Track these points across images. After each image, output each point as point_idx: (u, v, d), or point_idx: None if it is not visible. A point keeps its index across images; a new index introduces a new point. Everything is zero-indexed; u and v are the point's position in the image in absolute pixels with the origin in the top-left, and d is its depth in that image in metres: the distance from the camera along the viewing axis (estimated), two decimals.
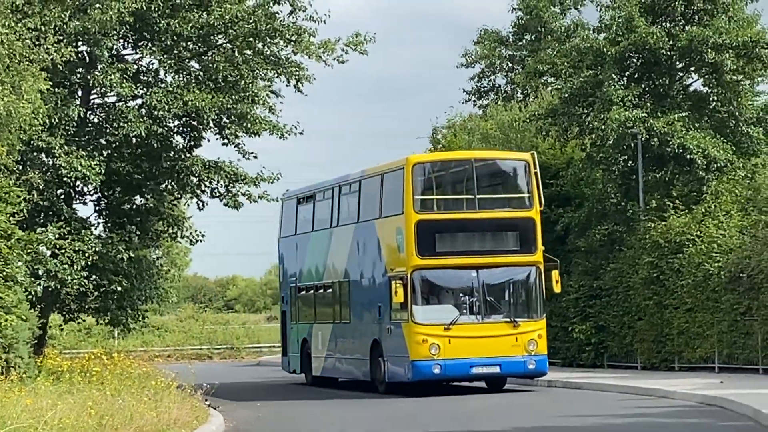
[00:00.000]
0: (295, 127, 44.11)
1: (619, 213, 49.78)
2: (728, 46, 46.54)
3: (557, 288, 37.32)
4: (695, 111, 47.96)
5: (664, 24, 47.34)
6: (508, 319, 36.50)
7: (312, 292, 44.71)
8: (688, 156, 46.26)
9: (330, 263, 42.75)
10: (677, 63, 48.12)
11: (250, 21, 41.20)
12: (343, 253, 41.54)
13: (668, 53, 46.91)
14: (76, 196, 42.47)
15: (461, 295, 36.81)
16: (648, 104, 47.08)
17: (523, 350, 36.01)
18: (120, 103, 41.72)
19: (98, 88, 41.34)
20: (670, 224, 44.41)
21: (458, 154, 47.39)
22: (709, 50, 46.46)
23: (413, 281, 35.40)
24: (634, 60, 48.41)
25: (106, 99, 42.35)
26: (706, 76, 48.45)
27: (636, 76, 49.31)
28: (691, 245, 43.29)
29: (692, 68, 48.65)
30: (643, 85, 48.26)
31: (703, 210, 44.68)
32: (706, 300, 42.69)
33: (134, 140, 41.06)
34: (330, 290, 42.79)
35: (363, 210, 39.90)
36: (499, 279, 37.70)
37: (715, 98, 48.31)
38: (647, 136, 45.61)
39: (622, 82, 48.57)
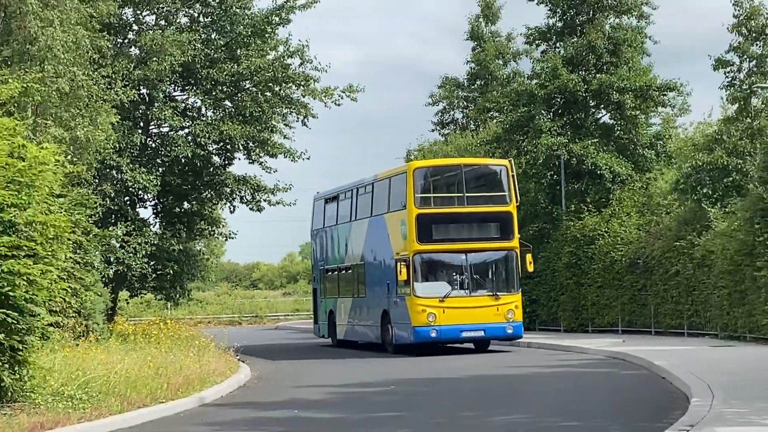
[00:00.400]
0: (304, 153, 44.42)
1: (546, 214, 50.19)
2: (628, 89, 46.94)
3: (530, 268, 37.20)
4: (604, 138, 48.21)
5: (580, 72, 47.47)
6: (491, 293, 36.47)
7: (336, 273, 44.70)
8: (598, 172, 46.60)
9: (350, 250, 42.78)
10: (590, 102, 48.33)
11: (270, 71, 41.39)
12: (360, 242, 41.53)
13: (584, 94, 47.25)
14: (139, 202, 42.51)
15: (453, 273, 36.82)
16: (568, 133, 47.32)
17: (503, 318, 36.06)
18: (171, 132, 41.83)
19: (155, 121, 41.55)
20: (585, 223, 44.69)
21: (450, 160, 47.39)
22: (614, 92, 46.85)
23: (414, 263, 35.60)
24: (558, 99, 48.46)
25: (161, 129, 42.45)
26: (612, 112, 48.66)
27: (559, 111, 49.30)
28: (600, 239, 43.69)
29: (601, 106, 48.93)
30: (564, 118, 48.43)
31: (610, 212, 45.06)
32: (612, 279, 43.17)
33: (182, 160, 41.17)
34: (350, 271, 42.82)
35: (375, 206, 39.79)
36: (483, 261, 37.57)
37: (619, 128, 48.52)
38: (568, 157, 45.98)
39: (549, 116, 48.68)
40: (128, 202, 41.38)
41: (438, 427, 17.48)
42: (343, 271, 43.89)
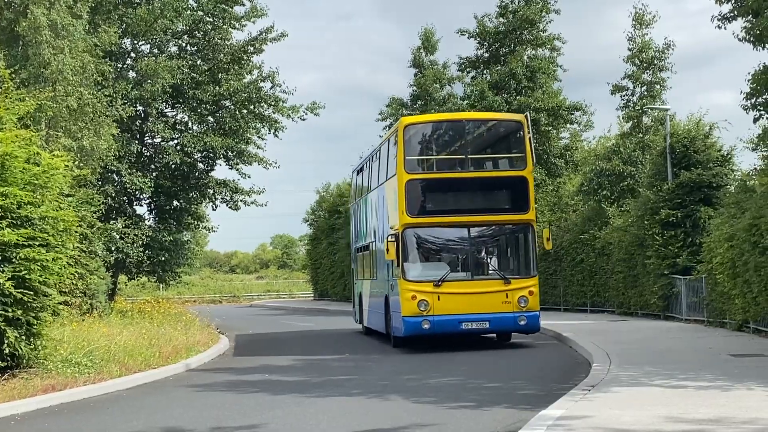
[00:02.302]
0: (275, 162, 44.42)
1: None
2: (543, 109, 47.18)
3: (548, 245, 26.30)
4: None
5: (503, 95, 47.62)
6: (499, 276, 25.33)
7: (361, 252, 34.47)
8: None
9: (367, 225, 32.60)
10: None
11: (246, 92, 41.55)
12: (372, 216, 31.46)
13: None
14: (135, 201, 42.27)
15: (452, 253, 26.26)
16: None
17: (513, 307, 24.93)
18: (163, 143, 41.67)
19: (149, 133, 41.39)
20: None
21: (451, 115, 35.62)
22: (532, 111, 47.14)
23: (404, 239, 25.05)
24: None
25: (154, 140, 42.22)
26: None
27: None
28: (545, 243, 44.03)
29: None
30: None
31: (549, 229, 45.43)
32: None
33: (172, 166, 41.03)
34: (367, 250, 32.43)
35: (380, 174, 29.55)
36: (490, 237, 26.49)
37: (535, 141, 48.88)
38: None
39: None
40: (126, 201, 41.18)
41: (384, 387, 17.48)
42: (365, 251, 33.49)
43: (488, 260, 25.83)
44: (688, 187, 32.59)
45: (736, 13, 21.55)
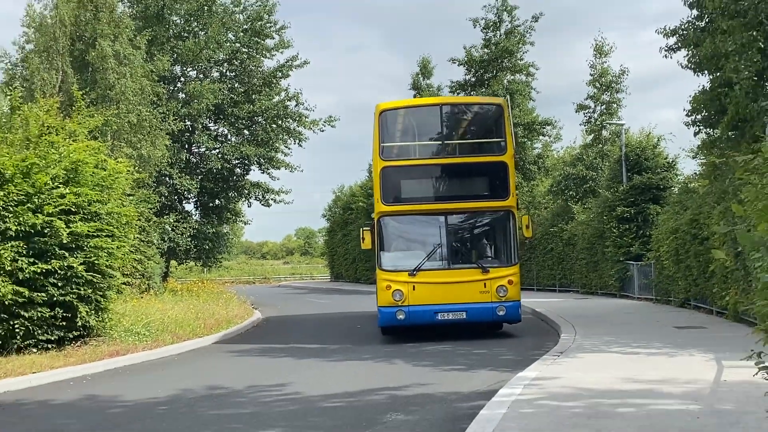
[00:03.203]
0: (299, 167, 44.45)
1: None
2: (519, 124, 46.99)
3: (528, 233, 21.67)
4: None
5: None
6: (477, 265, 20.47)
7: None
8: None
9: None
10: None
11: (275, 110, 41.64)
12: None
13: None
14: (184, 199, 42.31)
15: (429, 241, 21.03)
16: None
17: (492, 296, 20.25)
18: (207, 152, 41.72)
19: (196, 144, 41.34)
20: None
21: (427, 100, 29.82)
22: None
23: (380, 228, 20.73)
24: None
25: (200, 149, 42.25)
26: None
27: None
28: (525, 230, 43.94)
29: None
30: None
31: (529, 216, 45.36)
32: None
33: (214, 171, 41.05)
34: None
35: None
36: (469, 225, 21.75)
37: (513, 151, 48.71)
38: None
39: None
40: (177, 199, 41.20)
41: (390, 353, 17.51)
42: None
43: (466, 249, 20.70)
44: (640, 189, 32.69)
45: (680, 44, 21.56)
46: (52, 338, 18.20)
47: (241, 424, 10.46)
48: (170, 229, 38.72)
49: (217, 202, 43.61)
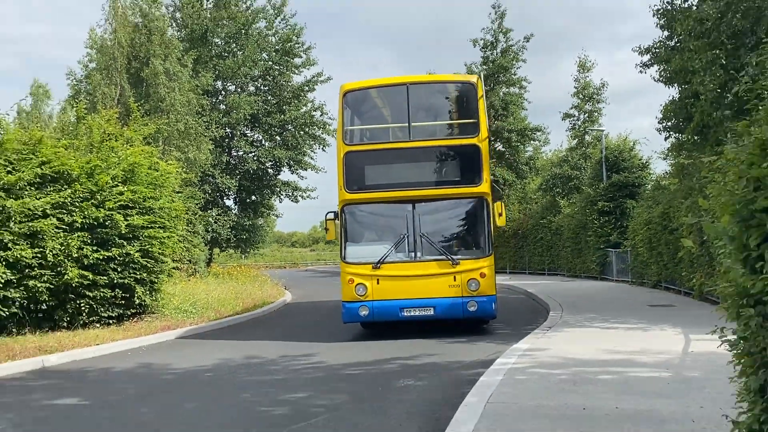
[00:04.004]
0: (323, 168, 44.61)
1: None
2: (513, 130, 46.87)
3: (501, 221, 17.00)
4: (498, 159, 48.39)
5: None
6: (445, 257, 16.25)
7: None
8: (495, 179, 46.82)
9: None
10: (491, 137, 48.19)
11: (303, 119, 41.60)
12: None
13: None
14: (225, 196, 42.41)
15: (394, 231, 16.79)
16: None
17: (462, 291, 16.22)
18: (244, 155, 41.76)
19: (235, 148, 41.33)
20: None
21: (393, 79, 19.29)
22: (505, 132, 46.90)
23: (344, 217, 16.74)
24: None
25: (238, 153, 42.28)
26: (503, 143, 48.76)
27: None
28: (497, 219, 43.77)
29: (498, 140, 48.98)
30: None
31: (502, 202, 45.24)
32: (504, 241, 43.22)
33: (251, 171, 41.09)
34: None
35: None
36: (437, 213, 17.17)
37: (507, 153, 48.66)
38: None
39: None
40: (219, 196, 41.26)
41: (401, 327, 17.44)
42: None
43: (435, 239, 16.27)
44: (618, 186, 32.60)
45: (653, 61, 21.48)
46: (113, 315, 18.32)
47: (275, 388, 10.50)
48: (213, 221, 38.86)
49: (253, 198, 43.59)
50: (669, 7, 20.27)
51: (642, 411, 7.44)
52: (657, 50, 21.25)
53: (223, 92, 41.94)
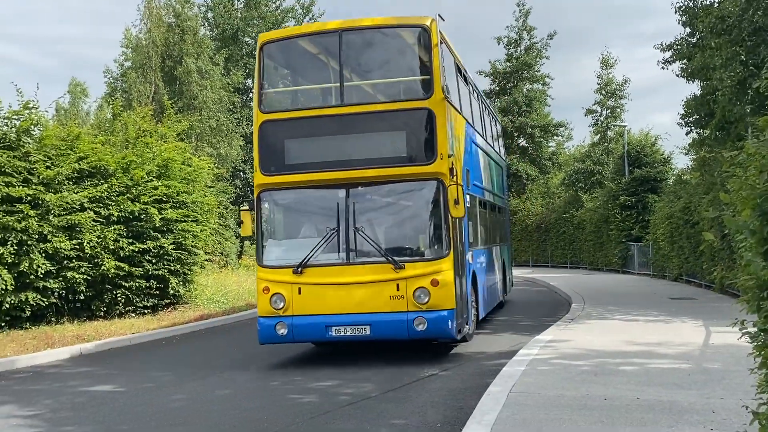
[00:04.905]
0: None
1: None
2: (537, 126, 46.75)
3: (457, 212, 11.02)
4: (522, 154, 48.18)
5: (509, 116, 47.43)
6: (387, 259, 11.07)
7: None
8: (518, 174, 46.66)
9: None
10: (515, 133, 48.15)
11: None
12: None
13: (511, 129, 47.17)
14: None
15: (322, 225, 11.66)
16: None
17: (408, 304, 10.99)
18: None
19: None
20: (511, 203, 44.61)
21: (322, 25, 13.38)
22: (529, 128, 46.73)
23: (260, 207, 11.92)
24: None
25: None
26: (527, 139, 48.57)
27: None
28: (519, 212, 43.65)
29: (521, 135, 48.79)
30: None
31: (525, 197, 45.07)
32: (527, 236, 43.02)
33: None
34: None
35: None
36: (378, 201, 11.88)
37: (531, 149, 48.42)
38: None
39: None
40: (249, 191, 41.49)
41: None
42: None
43: (374, 235, 11.46)
44: (640, 181, 32.35)
45: (674, 57, 21.28)
46: (148, 305, 18.49)
47: (303, 376, 10.54)
48: None
49: None
50: (691, 3, 20.04)
51: (663, 402, 7.38)
52: (679, 47, 21.03)
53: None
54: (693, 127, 22.35)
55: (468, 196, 12.83)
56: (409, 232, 11.80)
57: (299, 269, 11.30)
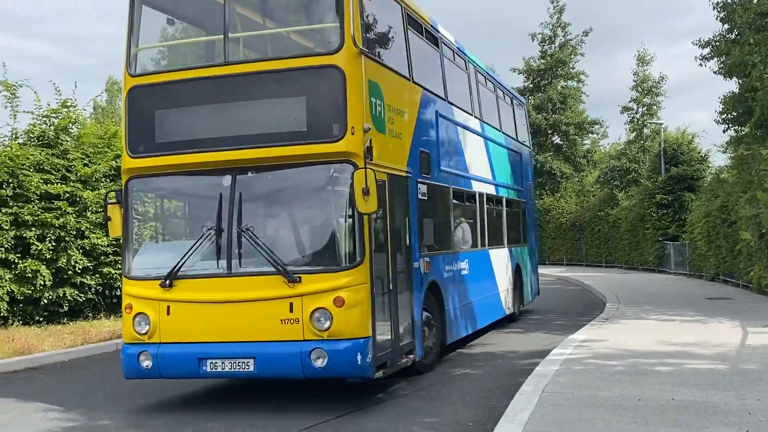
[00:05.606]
0: None
1: None
2: (571, 123, 46.44)
3: (364, 206, 7.54)
4: (556, 152, 47.86)
5: (543, 114, 47.10)
6: (278, 269, 7.81)
7: None
8: (552, 172, 46.37)
9: None
10: (549, 131, 47.80)
11: None
12: None
13: (545, 127, 46.85)
14: None
15: (199, 223, 8.40)
16: (535, 149, 46.87)
17: (304, 330, 7.70)
18: None
19: None
20: (545, 201, 44.32)
21: None
22: (563, 125, 46.42)
23: (127, 200, 8.62)
24: (530, 130, 48.09)
25: None
26: (561, 136, 48.22)
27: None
28: (554, 210, 43.35)
29: (555, 133, 48.47)
30: (533, 141, 47.93)
31: (559, 195, 44.77)
32: (561, 234, 42.71)
33: None
34: None
35: None
36: (271, 191, 8.47)
37: (565, 146, 48.09)
38: (535, 163, 45.62)
39: None
40: None
41: None
42: None
43: (264, 237, 8.26)
44: (676, 179, 32.11)
45: (712, 54, 21.02)
46: None
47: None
48: None
49: None
50: (729, 0, 19.79)
51: (698, 403, 7.31)
52: (716, 43, 20.78)
53: None
54: (731, 125, 22.09)
55: (425, 186, 10.04)
56: (311, 233, 8.58)
57: (167, 282, 8.31)
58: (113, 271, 16.81)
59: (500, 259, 14.74)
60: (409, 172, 9.36)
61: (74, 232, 16.24)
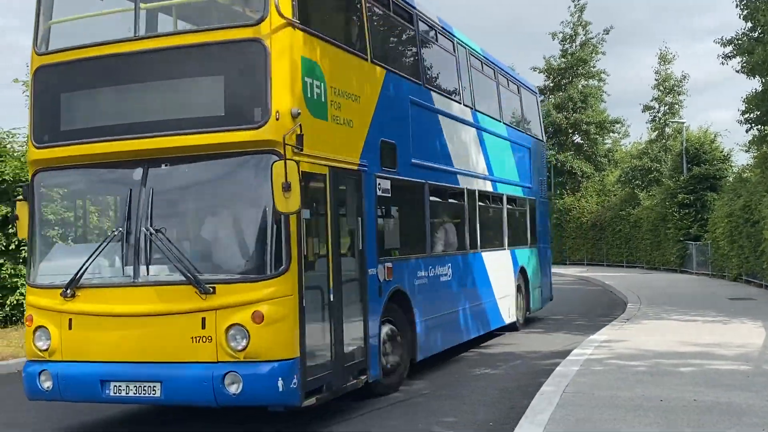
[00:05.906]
0: None
1: None
2: (592, 122, 46.22)
3: (284, 204, 6.24)
4: (576, 151, 47.65)
5: (564, 113, 46.90)
6: (189, 277, 6.53)
7: None
8: (573, 171, 46.17)
9: None
10: (569, 130, 47.62)
11: None
12: None
13: (565, 126, 46.67)
14: None
15: (105, 223, 7.65)
16: (555, 148, 46.70)
17: (217, 350, 6.42)
18: None
19: None
20: (565, 201, 44.13)
21: None
22: (584, 124, 46.20)
23: (33, 197, 7.45)
24: (550, 129, 47.71)
25: None
26: (582, 135, 47.96)
27: (550, 136, 48.55)
28: (574, 210, 43.15)
29: (576, 132, 48.22)
30: (553, 140, 47.46)
31: (580, 194, 44.55)
32: (582, 233, 42.51)
33: None
34: None
35: None
36: (185, 185, 7.07)
37: (586, 145, 47.79)
38: (555, 162, 45.48)
39: None
40: None
41: None
42: None
43: (175, 239, 7.02)
44: (699, 178, 31.85)
45: (735, 52, 20.84)
46: None
47: None
48: None
49: None
50: None
51: (721, 403, 7.27)
52: (739, 41, 20.61)
53: None
54: (753, 124, 21.88)
55: (387, 181, 8.84)
56: (228, 236, 7.28)
57: (68, 291, 7.18)
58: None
59: (498, 262, 13.33)
60: (363, 165, 8.19)
61: None
